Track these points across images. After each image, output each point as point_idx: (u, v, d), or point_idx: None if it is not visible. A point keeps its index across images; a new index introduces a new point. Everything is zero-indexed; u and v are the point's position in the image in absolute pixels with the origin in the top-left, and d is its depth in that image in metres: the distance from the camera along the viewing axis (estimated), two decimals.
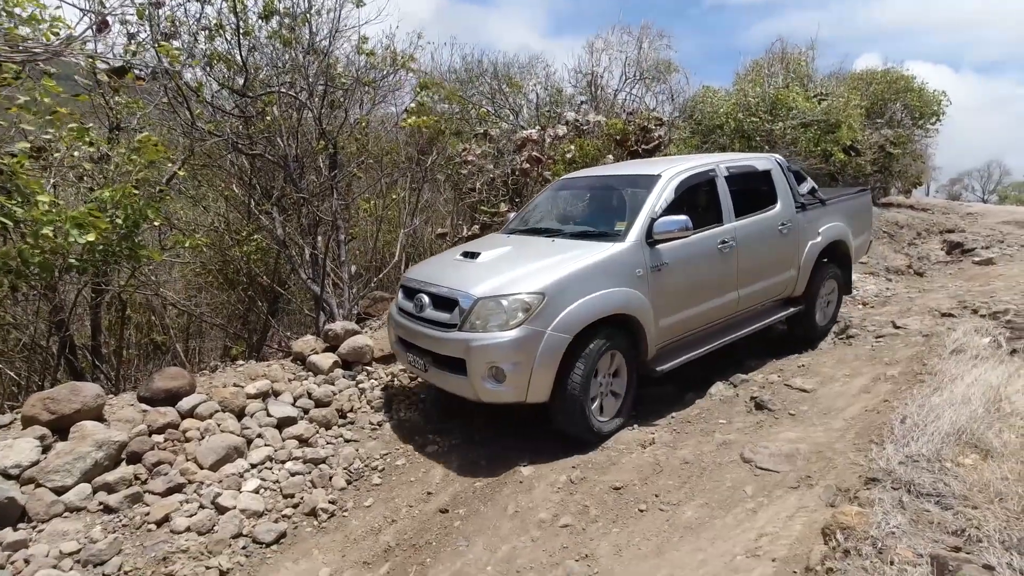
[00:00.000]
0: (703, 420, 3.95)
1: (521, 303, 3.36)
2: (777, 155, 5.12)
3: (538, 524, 2.97)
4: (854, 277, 8.35)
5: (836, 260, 5.45)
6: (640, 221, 3.92)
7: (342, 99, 6.51)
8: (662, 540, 2.74)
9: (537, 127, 7.86)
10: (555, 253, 3.81)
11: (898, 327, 5.44)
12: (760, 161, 4.95)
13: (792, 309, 5.05)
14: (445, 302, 3.67)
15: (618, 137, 7.78)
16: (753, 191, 4.80)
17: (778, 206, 4.84)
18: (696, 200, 4.66)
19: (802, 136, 10.90)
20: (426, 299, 3.83)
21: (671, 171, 4.29)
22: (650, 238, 3.86)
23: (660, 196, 4.07)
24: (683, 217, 3.85)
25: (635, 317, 3.74)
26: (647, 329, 3.82)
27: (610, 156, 7.52)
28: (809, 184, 5.26)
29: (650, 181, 4.23)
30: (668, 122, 8.96)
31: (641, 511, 2.99)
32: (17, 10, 3.91)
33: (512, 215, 5.23)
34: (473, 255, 4.07)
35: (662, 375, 3.99)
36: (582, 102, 10.32)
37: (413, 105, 6.95)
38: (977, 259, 9.44)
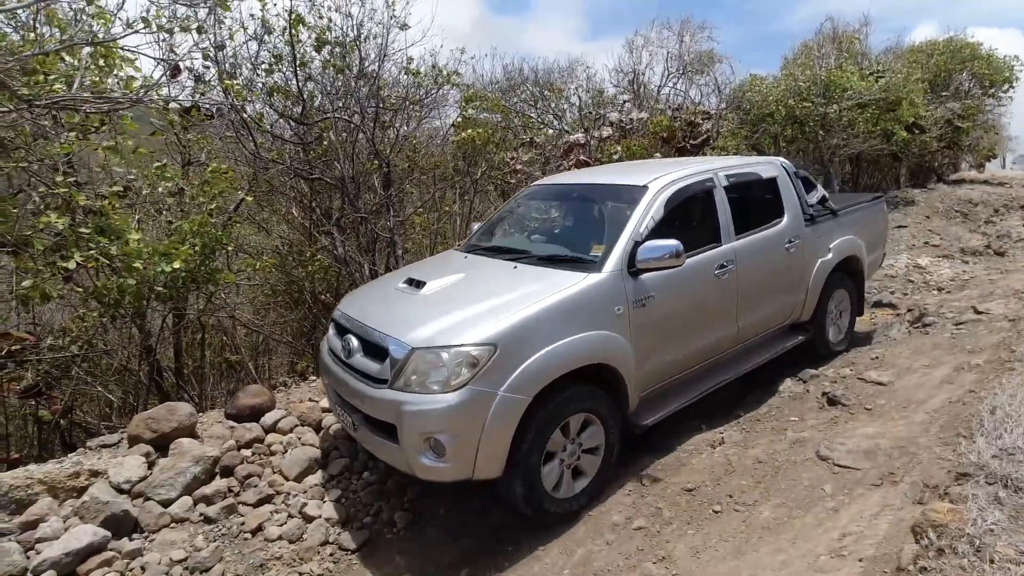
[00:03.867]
0: (773, 418, 3.87)
1: (467, 357, 2.67)
2: (783, 159, 4.57)
3: (611, 527, 2.99)
4: (925, 261, 7.94)
5: (847, 274, 4.86)
6: (621, 246, 3.25)
7: (392, 119, 6.75)
8: (740, 541, 2.72)
9: (582, 130, 7.88)
10: (515, 286, 3.12)
11: (980, 312, 5.15)
12: (764, 167, 4.33)
13: (799, 337, 4.47)
14: (376, 348, 2.99)
15: (664, 135, 7.70)
16: (756, 203, 4.22)
17: (785, 220, 4.23)
18: (690, 215, 4.11)
19: (859, 117, 10.46)
20: (355, 342, 3.14)
21: (660, 181, 3.61)
22: (633, 267, 3.21)
23: (647, 213, 3.41)
24: (673, 242, 3.15)
25: (612, 366, 3.10)
26: (627, 379, 3.17)
27: (657, 154, 7.46)
28: (819, 192, 4.69)
29: (635, 194, 3.55)
30: (715, 115, 8.79)
31: (716, 512, 2.97)
32: (111, 66, 4.29)
33: (475, 225, 4.59)
34: (418, 284, 3.38)
35: (646, 430, 3.38)
36: (624, 101, 10.26)
37: (460, 119, 7.11)
38: None
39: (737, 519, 2.88)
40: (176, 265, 4.14)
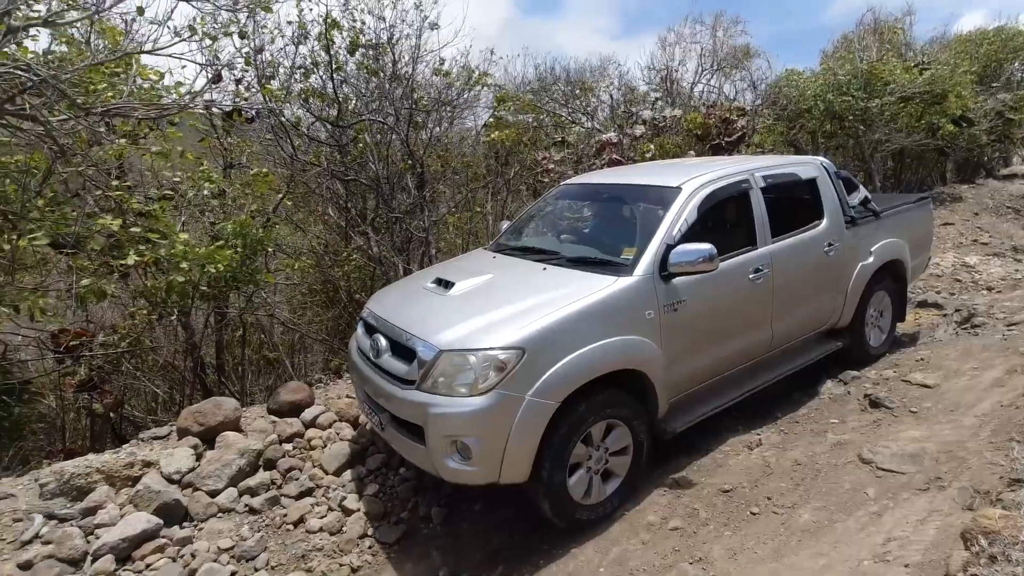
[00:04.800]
0: (813, 420, 3.80)
1: (494, 361, 2.66)
2: (823, 159, 4.42)
3: (647, 527, 2.99)
4: (973, 260, 7.64)
5: (890, 278, 4.67)
6: (652, 249, 3.19)
7: (425, 120, 6.84)
8: (779, 544, 2.68)
9: (614, 129, 7.84)
10: (544, 289, 3.11)
11: None
12: (803, 167, 4.19)
13: (837, 344, 4.34)
14: (404, 349, 3.01)
15: (698, 132, 7.59)
16: (794, 204, 4.09)
17: (824, 222, 4.10)
18: (724, 217, 4.04)
19: (903, 111, 10.12)
20: (383, 342, 3.17)
21: (694, 183, 3.53)
22: (664, 270, 3.15)
23: (680, 216, 3.33)
24: (706, 246, 3.07)
25: (642, 372, 3.06)
26: (656, 384, 3.12)
27: (691, 152, 7.36)
28: (861, 193, 4.52)
29: (667, 196, 3.48)
30: (751, 111, 8.63)
31: (753, 514, 2.94)
32: (148, 77, 4.47)
33: (504, 224, 4.55)
34: (447, 284, 3.38)
35: (675, 435, 3.31)
36: (657, 99, 10.15)
37: (492, 120, 7.16)
38: None
39: (776, 521, 2.84)
40: (220, 266, 4.29)
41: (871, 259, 4.38)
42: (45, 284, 4.33)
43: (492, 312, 2.92)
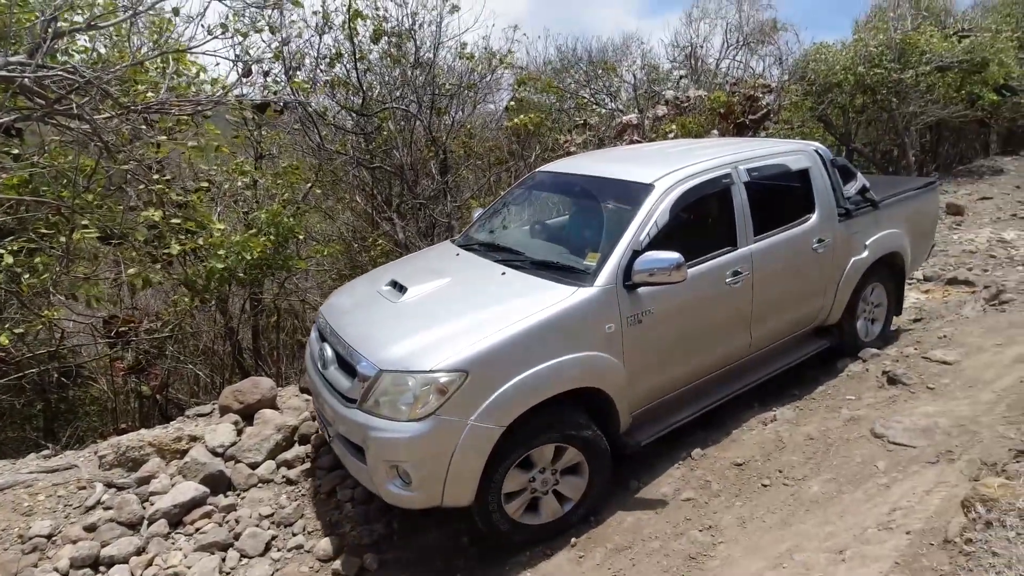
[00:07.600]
0: (828, 397, 3.84)
1: (435, 384, 2.50)
2: (818, 145, 4.13)
3: (660, 498, 3.11)
4: (1011, 235, 7.43)
5: (886, 271, 4.41)
6: (616, 256, 2.94)
7: (447, 106, 6.97)
8: (787, 513, 2.78)
9: (636, 110, 7.82)
10: (498, 299, 2.93)
11: None
12: (795, 157, 3.86)
13: (824, 342, 4.14)
14: (348, 363, 2.87)
15: (721, 111, 7.52)
16: (782, 197, 3.80)
17: (814, 216, 3.80)
18: (702, 216, 3.79)
19: (940, 82, 9.78)
20: (329, 352, 3.05)
21: (669, 180, 3.22)
22: (629, 279, 2.91)
23: (650, 217, 3.07)
24: (674, 256, 2.79)
25: (600, 389, 2.87)
26: (617, 401, 2.94)
27: (715, 131, 7.31)
28: (859, 182, 4.16)
29: (638, 194, 3.19)
30: (777, 87, 8.47)
31: (764, 486, 3.03)
32: (184, 71, 4.70)
33: (477, 212, 4.31)
34: (401, 288, 3.19)
35: (639, 448, 3.11)
36: (680, 77, 10.03)
37: (512, 103, 7.23)
38: None
39: (785, 493, 2.93)
40: (256, 253, 4.52)
41: (865, 253, 4.10)
42: (96, 274, 4.65)
43: (438, 327, 2.77)
